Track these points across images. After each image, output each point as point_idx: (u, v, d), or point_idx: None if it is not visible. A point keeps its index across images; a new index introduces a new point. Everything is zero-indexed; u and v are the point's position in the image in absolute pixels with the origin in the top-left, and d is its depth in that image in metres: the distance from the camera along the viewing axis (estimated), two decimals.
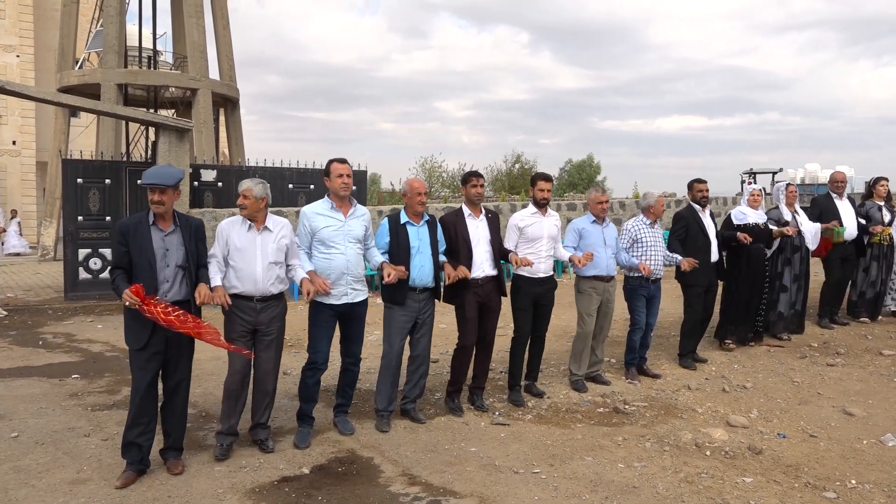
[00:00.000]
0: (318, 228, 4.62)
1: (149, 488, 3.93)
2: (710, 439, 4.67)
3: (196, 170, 11.92)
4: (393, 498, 3.84)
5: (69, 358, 6.94)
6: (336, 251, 4.62)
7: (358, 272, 4.71)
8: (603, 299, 5.88)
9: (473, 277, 5.06)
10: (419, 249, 4.91)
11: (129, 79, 16.84)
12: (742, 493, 3.87)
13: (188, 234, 4.15)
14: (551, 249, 5.57)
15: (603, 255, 5.77)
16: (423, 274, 4.91)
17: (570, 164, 45.01)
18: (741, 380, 6.07)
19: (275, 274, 4.41)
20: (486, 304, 5.20)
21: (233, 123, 19.37)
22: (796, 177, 23.67)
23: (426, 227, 5.01)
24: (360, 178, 14.40)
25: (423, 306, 5.00)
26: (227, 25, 19.05)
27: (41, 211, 22.40)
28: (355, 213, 4.75)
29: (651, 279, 6.07)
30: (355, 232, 4.70)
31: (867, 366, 6.54)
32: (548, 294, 5.58)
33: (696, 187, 6.66)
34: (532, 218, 5.51)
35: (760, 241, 6.94)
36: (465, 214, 5.22)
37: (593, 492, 3.91)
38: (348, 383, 4.93)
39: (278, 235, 4.43)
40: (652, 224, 6.22)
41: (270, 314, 4.42)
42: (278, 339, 4.52)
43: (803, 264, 7.48)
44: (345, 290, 4.64)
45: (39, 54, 25.42)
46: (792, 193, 7.41)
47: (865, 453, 4.48)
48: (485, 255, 5.17)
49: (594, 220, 5.91)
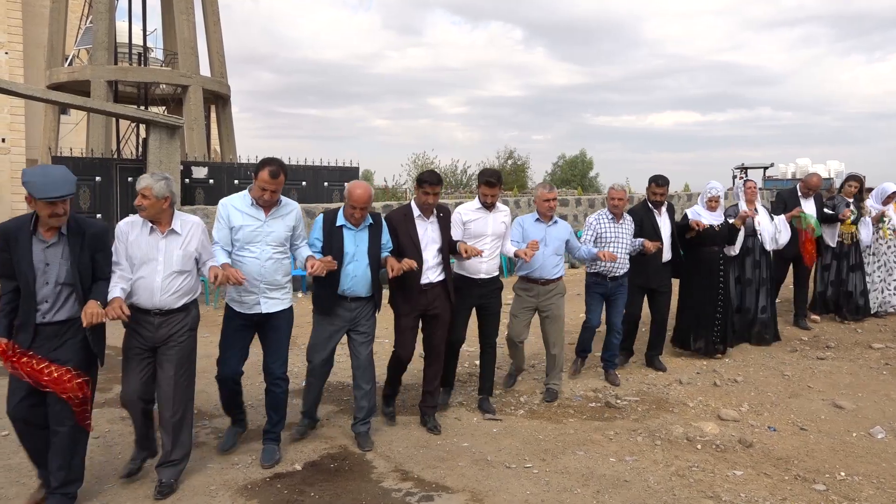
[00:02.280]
0: (234, 226, 4.11)
1: (141, 485, 3.92)
2: (702, 433, 4.70)
3: (187, 167, 11.89)
4: (385, 493, 3.84)
5: None
6: (249, 254, 4.09)
7: (275, 279, 4.16)
8: (539, 304, 5.38)
9: (420, 284, 4.64)
10: (354, 256, 4.36)
11: (120, 75, 16.76)
12: (733, 486, 3.90)
13: (80, 244, 3.54)
14: (496, 248, 5.10)
15: (539, 255, 5.17)
16: (355, 283, 4.37)
17: (562, 159, 45.09)
18: (732, 374, 6.11)
19: (178, 285, 3.81)
20: (431, 313, 4.73)
21: (224, 120, 19.31)
22: (787, 171, 23.84)
23: (366, 231, 4.44)
24: (352, 176, 14.39)
25: (358, 315, 4.46)
26: (218, 22, 18.97)
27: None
28: (279, 212, 4.19)
29: (609, 276, 5.75)
30: (276, 234, 4.15)
31: (857, 359, 6.58)
32: (492, 296, 5.10)
33: (651, 189, 6.19)
34: (477, 213, 5.02)
35: (715, 243, 6.52)
36: (415, 215, 4.70)
37: (585, 486, 3.92)
38: (271, 406, 4.31)
39: (186, 240, 3.84)
40: (616, 218, 5.86)
41: (171, 329, 3.81)
42: (183, 358, 3.86)
43: (769, 268, 7.20)
44: (257, 298, 4.12)
45: (28, 51, 25.24)
46: (751, 190, 7.11)
47: (855, 446, 4.51)
48: (433, 260, 4.69)
49: (538, 218, 5.39)
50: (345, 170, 14.22)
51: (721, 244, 6.59)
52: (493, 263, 5.09)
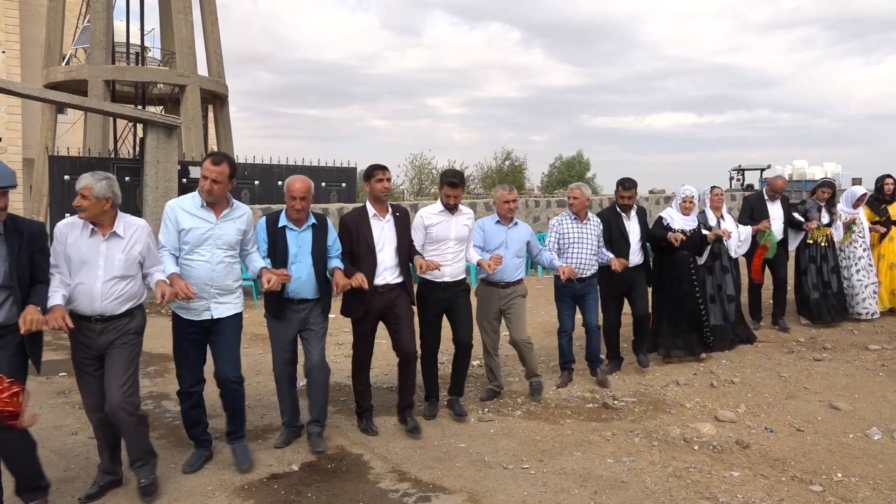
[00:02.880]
0: (181, 229, 3.97)
1: (137, 486, 3.91)
2: (699, 434, 4.70)
3: (185, 167, 11.86)
4: (383, 494, 3.84)
5: (56, 356, 6.89)
6: (199, 258, 3.96)
7: (226, 284, 4.04)
8: (502, 306, 5.31)
9: (374, 285, 4.54)
10: (297, 257, 4.33)
11: (117, 75, 16.73)
12: (729, 487, 3.90)
13: (18, 244, 3.36)
14: (460, 252, 5.01)
15: (503, 258, 5.13)
16: (300, 285, 4.33)
17: (559, 160, 45.18)
18: (729, 375, 6.11)
19: (121, 290, 3.63)
20: (392, 315, 4.66)
21: (221, 120, 19.29)
22: (784, 173, 23.87)
23: (309, 231, 4.40)
24: (350, 176, 14.40)
25: (308, 316, 4.43)
26: (216, 21, 18.95)
27: (28, 208, 22.19)
28: (230, 215, 4.08)
29: (577, 278, 5.56)
30: (227, 237, 4.04)
31: (853, 360, 6.59)
32: (458, 298, 4.99)
33: (619, 192, 6.01)
34: (439, 216, 4.93)
35: (687, 248, 6.35)
36: (370, 214, 4.63)
37: (582, 487, 3.92)
38: (230, 407, 4.21)
39: (130, 243, 3.67)
40: (579, 219, 5.74)
41: (114, 334, 3.64)
42: (131, 360, 3.69)
43: (734, 273, 7.07)
44: (207, 304, 3.99)
45: (25, 50, 25.21)
46: (717, 197, 6.90)
47: (851, 447, 4.52)
48: (390, 262, 4.61)
49: (498, 220, 5.34)
50: (343, 170, 14.23)
51: (692, 250, 6.46)
52: (457, 267, 5.00)
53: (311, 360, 4.44)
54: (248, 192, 12.27)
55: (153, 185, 10.46)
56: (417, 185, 35.07)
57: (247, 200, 11.71)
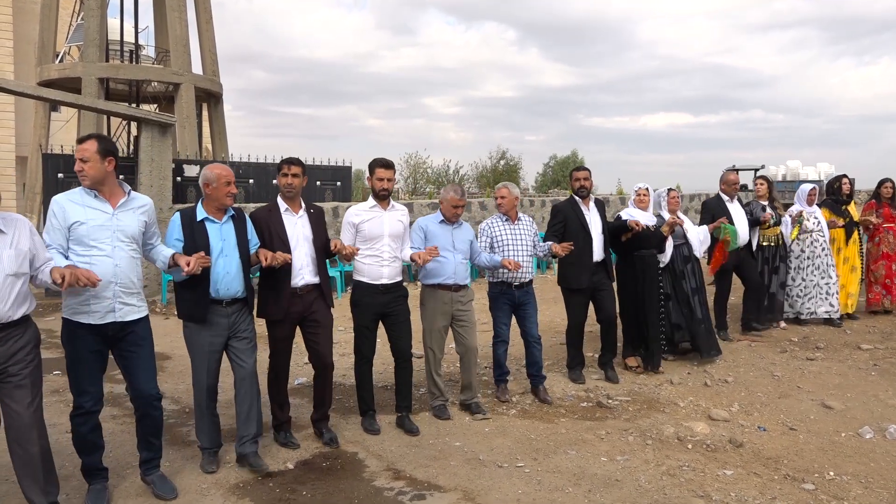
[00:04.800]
0: (73, 222, 3.48)
1: (132, 484, 3.91)
2: (692, 433, 4.73)
3: (179, 165, 11.84)
4: (378, 492, 3.85)
5: (50, 354, 6.86)
6: (99, 253, 3.48)
7: (131, 281, 3.59)
8: (453, 312, 5.00)
9: (293, 287, 4.28)
10: (223, 252, 3.95)
11: (111, 73, 16.68)
12: (723, 486, 3.92)
13: None
14: (396, 250, 4.71)
15: (451, 259, 4.90)
16: (230, 282, 3.94)
17: (554, 160, 45.29)
18: (722, 374, 6.14)
19: (17, 291, 3.23)
20: (310, 319, 4.37)
21: (216, 118, 19.26)
22: (777, 173, 23.96)
23: (231, 223, 4.04)
24: (345, 174, 14.39)
25: (237, 321, 4.03)
26: (210, 20, 18.92)
27: (21, 206, 22.09)
28: (129, 205, 3.65)
29: (514, 284, 5.32)
30: (129, 229, 3.60)
31: (846, 360, 6.63)
32: (396, 303, 4.70)
33: (574, 176, 5.77)
34: (370, 212, 4.64)
35: (650, 245, 6.12)
36: (281, 209, 4.34)
37: (576, 485, 3.94)
38: (150, 433, 3.78)
39: (14, 238, 3.25)
40: (510, 220, 5.45)
41: (11, 348, 3.24)
42: (37, 382, 3.37)
43: (698, 276, 6.77)
44: (111, 304, 3.51)
45: (19, 47, 25.07)
46: (674, 199, 6.58)
47: (843, 446, 4.55)
48: (306, 259, 4.31)
49: (443, 219, 5.01)
50: (337, 169, 14.21)
51: (656, 247, 6.19)
52: (394, 267, 4.70)
53: (242, 369, 4.06)
54: (242, 191, 12.25)
55: (147, 183, 10.43)
56: (412, 185, 35.07)
57: (241, 199, 11.68)
